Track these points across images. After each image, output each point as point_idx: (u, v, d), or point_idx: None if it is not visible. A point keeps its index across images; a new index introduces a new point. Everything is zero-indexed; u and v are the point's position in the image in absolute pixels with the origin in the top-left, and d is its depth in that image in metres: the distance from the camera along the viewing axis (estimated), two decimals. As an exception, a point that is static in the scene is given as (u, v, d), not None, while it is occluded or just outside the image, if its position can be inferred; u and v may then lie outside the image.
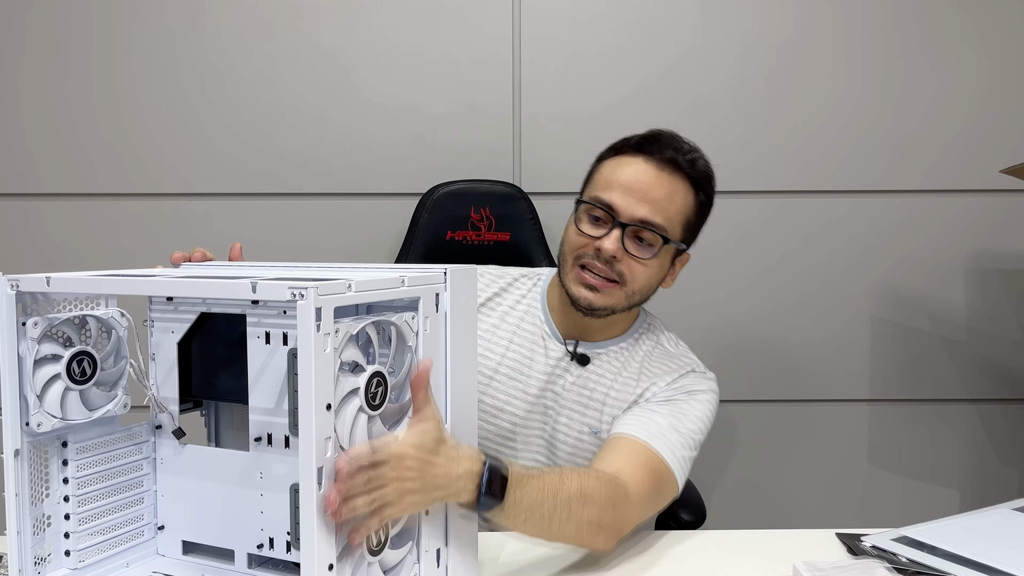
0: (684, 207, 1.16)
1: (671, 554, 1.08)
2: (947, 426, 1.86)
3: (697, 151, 1.19)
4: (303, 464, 0.71)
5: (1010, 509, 1.12)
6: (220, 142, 1.80)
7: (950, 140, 1.80)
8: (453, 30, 1.78)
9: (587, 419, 1.20)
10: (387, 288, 0.79)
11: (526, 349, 1.23)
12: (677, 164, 1.15)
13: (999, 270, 1.83)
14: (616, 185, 1.14)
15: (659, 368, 1.21)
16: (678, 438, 1.11)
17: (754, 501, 1.87)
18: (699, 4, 1.78)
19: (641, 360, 1.22)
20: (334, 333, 0.71)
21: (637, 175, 1.14)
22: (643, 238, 1.14)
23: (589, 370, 1.21)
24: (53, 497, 0.87)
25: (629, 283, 1.15)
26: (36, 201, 1.81)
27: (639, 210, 1.12)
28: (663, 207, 1.13)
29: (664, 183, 1.14)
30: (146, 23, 1.78)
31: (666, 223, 1.13)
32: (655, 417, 1.12)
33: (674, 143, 1.17)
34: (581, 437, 1.20)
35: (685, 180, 1.16)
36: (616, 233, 1.12)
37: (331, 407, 0.72)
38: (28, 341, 0.82)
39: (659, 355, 1.24)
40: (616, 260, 1.13)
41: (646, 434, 1.09)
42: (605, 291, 1.15)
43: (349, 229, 1.82)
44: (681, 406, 1.16)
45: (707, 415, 1.17)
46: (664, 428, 1.11)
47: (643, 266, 1.14)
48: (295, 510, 0.83)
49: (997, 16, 1.78)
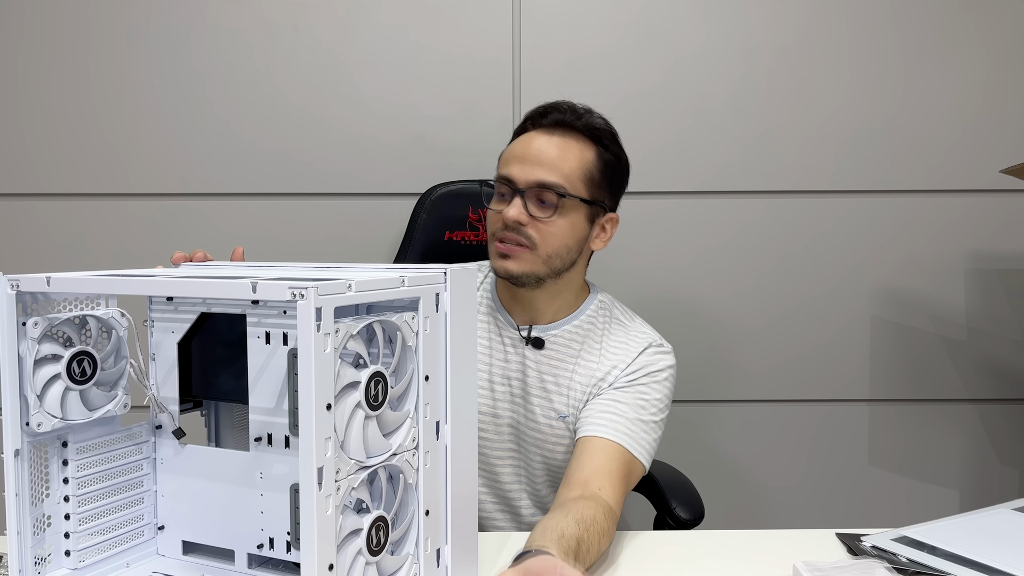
0: (582, 163, 1.20)
1: (671, 554, 1.08)
2: (947, 426, 1.86)
3: (591, 112, 1.24)
4: (303, 464, 0.71)
5: (1010, 509, 1.12)
6: (220, 142, 1.80)
7: (950, 140, 1.80)
8: (453, 30, 1.78)
9: (554, 404, 1.23)
10: (387, 288, 0.79)
11: (483, 338, 1.28)
12: (566, 124, 1.21)
13: (999, 270, 1.83)
14: (512, 159, 1.21)
15: (619, 346, 1.25)
16: (643, 428, 1.18)
17: (754, 501, 1.87)
18: (699, 4, 1.78)
19: (600, 339, 1.26)
20: (334, 333, 0.71)
21: (530, 144, 1.21)
22: (544, 199, 1.19)
23: (548, 354, 1.25)
24: (53, 497, 0.87)
25: (541, 246, 1.19)
26: (36, 201, 1.82)
27: (533, 173, 1.18)
28: (557, 166, 1.19)
29: (555, 144, 1.20)
30: (146, 23, 1.78)
31: (563, 180, 1.18)
32: (620, 408, 1.18)
33: (562, 107, 1.23)
34: (549, 423, 1.24)
35: (579, 137, 1.21)
36: (517, 200, 1.18)
37: (331, 407, 0.72)
38: (28, 341, 0.82)
39: (616, 331, 1.27)
40: (523, 225, 1.18)
41: (615, 433, 1.15)
42: (518, 256, 1.19)
43: (348, 229, 1.82)
44: (643, 391, 1.21)
45: (668, 394, 1.24)
46: (630, 421, 1.17)
47: (548, 225, 1.18)
48: (295, 510, 0.83)
49: (997, 16, 1.78)
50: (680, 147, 1.80)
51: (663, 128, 1.80)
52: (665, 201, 1.82)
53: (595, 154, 1.22)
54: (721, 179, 1.81)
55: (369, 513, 0.78)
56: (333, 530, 0.73)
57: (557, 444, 1.24)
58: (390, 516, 0.81)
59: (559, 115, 1.21)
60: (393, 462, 0.81)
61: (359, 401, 0.76)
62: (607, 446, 1.14)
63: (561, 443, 1.24)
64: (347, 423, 0.75)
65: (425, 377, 0.84)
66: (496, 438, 1.27)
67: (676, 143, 1.80)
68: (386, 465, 0.80)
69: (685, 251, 1.82)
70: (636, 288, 1.81)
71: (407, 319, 0.81)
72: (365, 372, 0.76)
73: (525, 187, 1.18)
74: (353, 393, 0.76)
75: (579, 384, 1.23)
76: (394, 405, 0.82)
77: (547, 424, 1.24)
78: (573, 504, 1.04)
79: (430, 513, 0.85)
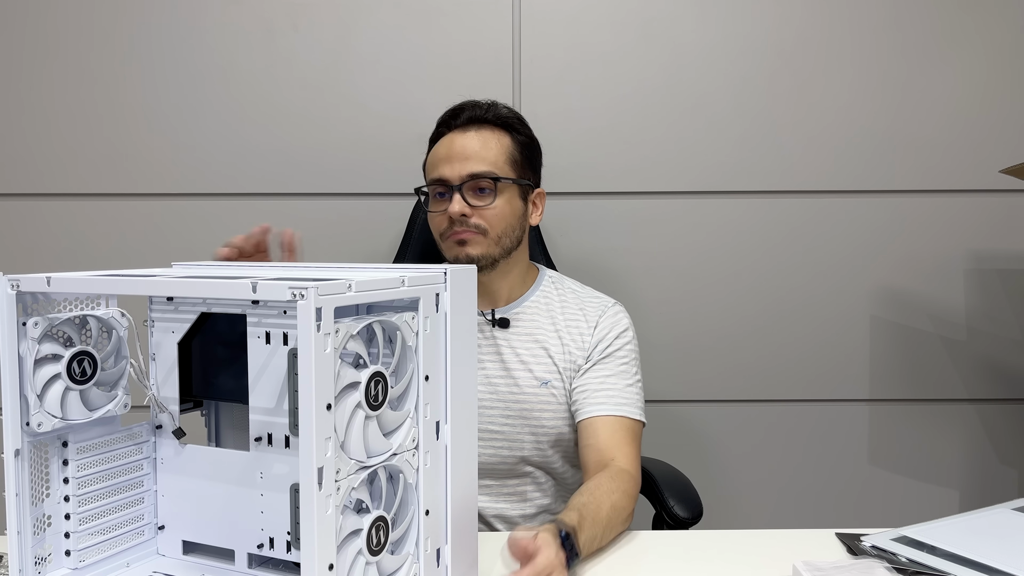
0: (502, 148, 1.31)
1: (671, 554, 1.08)
2: (947, 426, 1.86)
3: (496, 103, 1.35)
4: (303, 464, 0.71)
5: (1010, 509, 1.12)
6: (220, 142, 1.80)
7: (950, 140, 1.80)
8: (453, 30, 1.78)
9: (535, 373, 1.31)
10: (387, 288, 0.79)
11: None
12: (478, 119, 1.31)
13: (999, 270, 1.83)
14: (439, 161, 1.31)
15: (577, 313, 1.36)
16: (632, 390, 1.30)
17: (754, 501, 1.87)
18: (699, 4, 1.78)
19: (561, 308, 1.36)
20: (334, 333, 0.72)
21: (451, 145, 1.31)
22: (480, 188, 1.29)
23: (516, 330, 1.34)
24: (53, 497, 0.87)
25: (490, 230, 1.29)
26: (36, 201, 1.82)
27: (464, 168, 1.28)
28: (482, 155, 1.29)
29: (473, 138, 1.30)
30: (146, 23, 1.78)
31: (491, 166, 1.29)
32: (609, 382, 1.30)
33: (469, 106, 1.33)
34: (535, 391, 1.32)
35: (492, 128, 1.32)
36: (456, 196, 1.27)
37: (331, 407, 0.72)
38: (28, 341, 0.82)
39: (571, 300, 1.38)
40: (468, 217, 1.27)
41: (613, 407, 1.27)
42: (474, 240, 1.28)
43: (348, 229, 1.82)
44: (620, 356, 1.32)
45: (636, 346, 1.36)
46: (621, 390, 1.29)
47: (491, 210, 1.28)
48: (295, 510, 0.83)
49: (997, 16, 1.78)
50: (680, 147, 1.80)
51: (663, 128, 1.80)
52: (665, 201, 1.82)
53: (511, 139, 1.33)
54: (721, 179, 1.81)
55: (369, 513, 0.78)
56: (333, 530, 0.73)
57: (543, 410, 1.31)
58: (390, 516, 0.81)
59: (470, 112, 1.32)
60: (393, 462, 0.81)
61: (359, 401, 0.76)
62: (610, 422, 1.26)
63: (547, 408, 1.31)
64: (347, 423, 0.75)
65: (425, 377, 0.84)
66: (484, 410, 1.33)
67: (676, 143, 1.80)
68: (386, 465, 0.80)
69: (685, 251, 1.82)
70: (636, 288, 1.81)
71: (407, 319, 0.81)
72: (365, 372, 0.76)
73: (459, 182, 1.28)
74: (353, 393, 0.76)
75: (553, 349, 1.32)
76: (394, 405, 0.82)
77: (532, 393, 1.31)
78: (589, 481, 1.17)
79: (430, 513, 0.85)
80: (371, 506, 0.79)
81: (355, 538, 0.77)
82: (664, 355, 1.83)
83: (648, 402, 1.35)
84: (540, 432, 1.31)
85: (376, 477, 0.80)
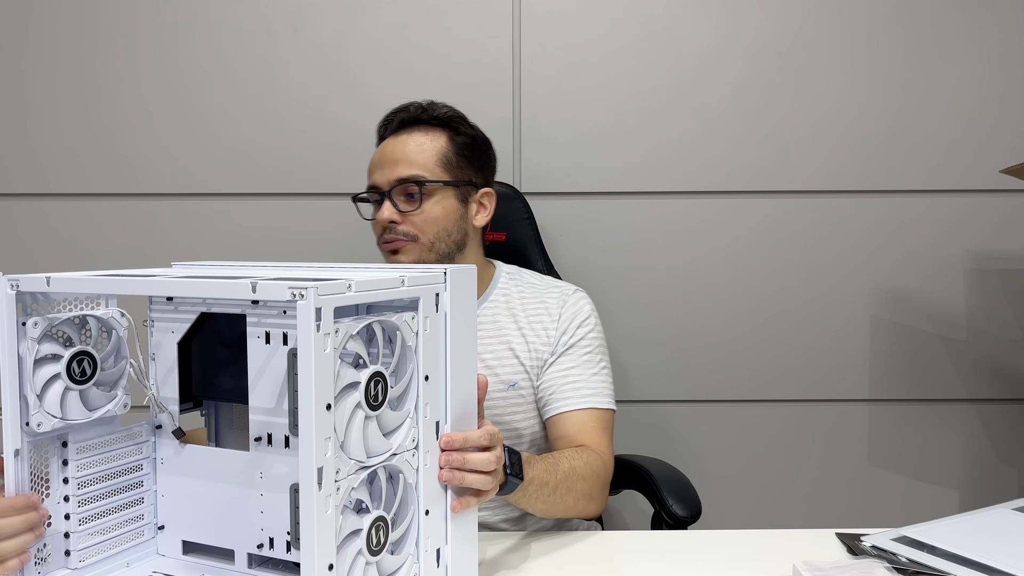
0: (435, 150, 1.28)
1: (671, 554, 1.08)
2: (947, 426, 1.86)
3: (435, 104, 1.32)
4: (303, 464, 0.71)
5: (1010, 509, 1.12)
6: (220, 142, 1.80)
7: (950, 140, 1.80)
8: (453, 30, 1.78)
9: (501, 377, 1.29)
10: (387, 288, 0.79)
11: None
12: (411, 120, 1.29)
13: (999, 270, 1.83)
14: (372, 168, 1.31)
15: (538, 305, 1.33)
16: (599, 379, 1.29)
17: (754, 501, 1.87)
18: (699, 4, 1.78)
19: (522, 303, 1.34)
20: (334, 333, 0.72)
21: (383, 151, 1.30)
22: (409, 193, 1.27)
23: (479, 334, 1.29)
24: (53, 497, 0.87)
25: (420, 236, 1.26)
26: (36, 201, 1.82)
27: (392, 173, 1.26)
28: (412, 159, 1.27)
29: (402, 142, 1.28)
30: (146, 23, 1.78)
31: (420, 170, 1.26)
32: (574, 374, 1.28)
33: (406, 108, 1.32)
34: (502, 395, 1.29)
35: (426, 129, 1.29)
36: (386, 203, 1.26)
37: (331, 407, 0.72)
38: (28, 341, 0.82)
39: (530, 293, 1.36)
40: (398, 223, 1.26)
41: (580, 400, 1.26)
42: (406, 248, 1.27)
43: (349, 229, 1.81)
44: (583, 345, 1.31)
45: (600, 332, 1.34)
46: (586, 381, 1.28)
47: (420, 215, 1.26)
48: (295, 510, 0.83)
49: (997, 16, 1.78)
50: (680, 147, 1.80)
51: (663, 128, 1.80)
52: (665, 201, 1.82)
53: (447, 139, 1.30)
54: (721, 179, 1.81)
55: (369, 513, 0.78)
56: (333, 530, 0.73)
57: (514, 413, 1.30)
58: (390, 516, 0.81)
59: (404, 115, 1.30)
60: (393, 462, 0.81)
61: (359, 401, 0.76)
62: (578, 415, 1.25)
63: (517, 410, 1.30)
64: (347, 423, 0.75)
65: (425, 377, 0.84)
66: None
67: (676, 143, 1.80)
68: (386, 465, 0.80)
69: (685, 251, 1.82)
70: (636, 288, 1.81)
71: (407, 319, 0.81)
72: (365, 372, 0.76)
73: (388, 188, 1.26)
74: (353, 393, 0.76)
75: (518, 348, 1.30)
76: (394, 405, 0.82)
77: (500, 397, 1.29)
78: None
79: (430, 513, 0.85)
80: (371, 506, 0.79)
81: (355, 538, 0.77)
82: (663, 355, 1.82)
83: (648, 402, 1.34)
84: (514, 435, 1.30)
85: (376, 477, 0.80)
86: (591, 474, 1.16)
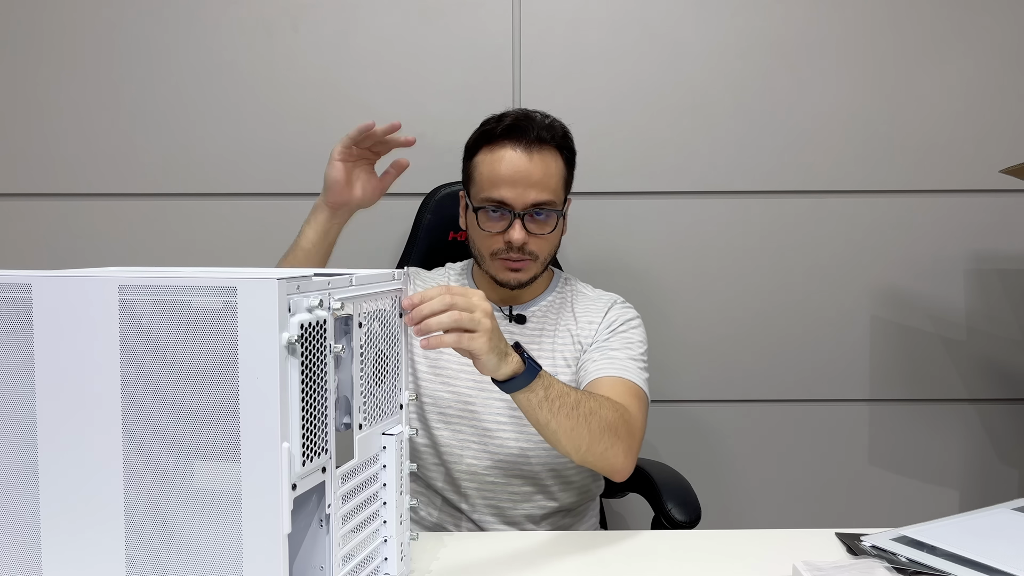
0: (560, 172, 1.31)
1: (671, 554, 1.08)
2: (947, 426, 1.86)
3: (549, 117, 1.32)
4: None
5: (1010, 509, 1.12)
6: (220, 142, 1.80)
7: (950, 140, 1.80)
8: (453, 30, 1.78)
9: (545, 367, 1.26)
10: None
11: None
12: (543, 140, 1.28)
13: (999, 270, 1.83)
14: (500, 181, 1.27)
15: (587, 309, 1.37)
16: (637, 364, 1.29)
17: (754, 501, 1.87)
18: (699, 4, 1.78)
19: (572, 307, 1.38)
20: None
21: (515, 165, 1.27)
22: (540, 215, 1.28)
23: (530, 327, 1.36)
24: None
25: (540, 255, 1.30)
26: (36, 201, 1.82)
27: (528, 196, 1.26)
28: (546, 184, 1.27)
29: (538, 163, 1.27)
30: (146, 23, 1.78)
31: (553, 196, 1.28)
32: (614, 354, 1.29)
33: (532, 121, 1.29)
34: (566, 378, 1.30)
35: (553, 149, 1.29)
36: (517, 223, 1.26)
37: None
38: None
39: (581, 299, 1.40)
40: (525, 244, 1.27)
41: (616, 370, 1.26)
42: (525, 267, 1.30)
43: (351, 229, 1.81)
44: (625, 335, 1.33)
45: (645, 336, 1.36)
46: (625, 360, 1.28)
47: (547, 238, 1.30)
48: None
49: (997, 16, 1.78)
50: (680, 147, 1.80)
51: (663, 128, 1.80)
52: (665, 201, 1.82)
53: (563, 161, 1.31)
54: (721, 179, 1.81)
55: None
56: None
57: None
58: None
59: (536, 132, 1.27)
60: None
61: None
62: (614, 381, 1.24)
63: None
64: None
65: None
66: (483, 408, 1.31)
67: (676, 143, 1.80)
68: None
69: (685, 251, 1.82)
70: (636, 288, 1.80)
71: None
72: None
73: (523, 210, 1.26)
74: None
75: (561, 346, 1.34)
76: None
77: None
78: None
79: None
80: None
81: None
82: (663, 355, 1.82)
83: (649, 402, 1.33)
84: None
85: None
86: (618, 417, 1.13)
